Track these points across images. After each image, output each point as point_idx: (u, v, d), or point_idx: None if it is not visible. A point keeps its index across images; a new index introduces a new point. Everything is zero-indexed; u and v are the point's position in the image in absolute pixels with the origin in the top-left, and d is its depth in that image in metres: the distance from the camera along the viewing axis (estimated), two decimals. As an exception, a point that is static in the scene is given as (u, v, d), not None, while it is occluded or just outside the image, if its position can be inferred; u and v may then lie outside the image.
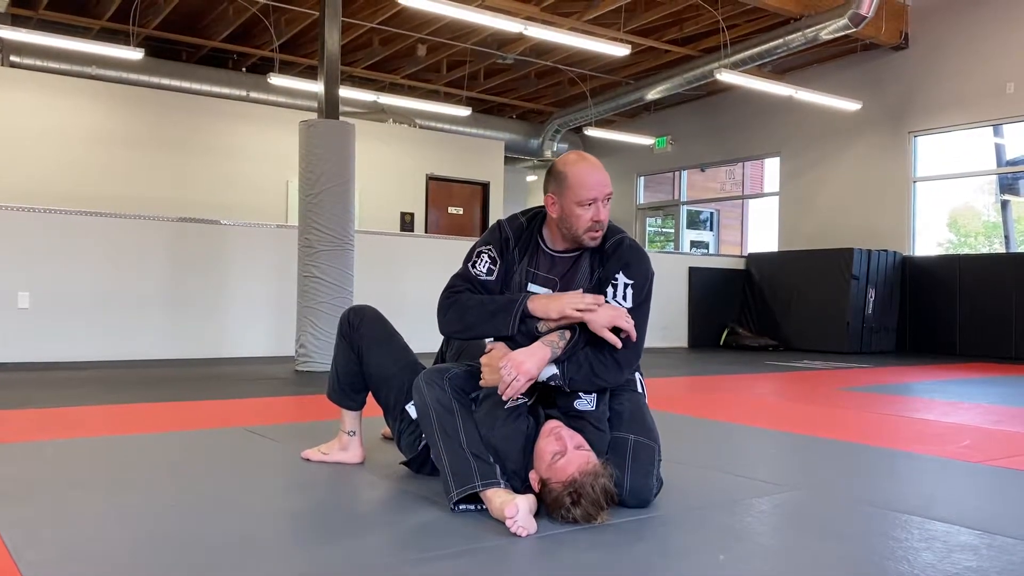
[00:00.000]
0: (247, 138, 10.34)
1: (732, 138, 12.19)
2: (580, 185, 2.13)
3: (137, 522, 1.96)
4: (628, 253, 2.21)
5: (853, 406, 4.49)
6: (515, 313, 2.11)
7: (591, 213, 2.14)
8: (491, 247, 2.25)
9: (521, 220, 2.30)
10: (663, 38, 10.29)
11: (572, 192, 2.14)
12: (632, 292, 2.17)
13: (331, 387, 2.57)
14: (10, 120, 9.01)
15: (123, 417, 3.66)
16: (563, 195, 2.16)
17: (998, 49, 9.09)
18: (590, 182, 2.13)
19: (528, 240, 2.27)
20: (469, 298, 2.19)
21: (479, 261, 2.24)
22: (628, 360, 2.14)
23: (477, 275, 2.23)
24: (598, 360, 2.09)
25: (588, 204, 2.13)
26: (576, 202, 2.14)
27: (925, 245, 10.04)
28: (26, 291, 6.26)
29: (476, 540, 1.83)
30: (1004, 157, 9.66)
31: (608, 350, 2.09)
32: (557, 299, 2.10)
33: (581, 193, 2.13)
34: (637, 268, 2.19)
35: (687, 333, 9.97)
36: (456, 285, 2.23)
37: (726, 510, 2.16)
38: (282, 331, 7.00)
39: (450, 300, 2.21)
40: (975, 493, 2.52)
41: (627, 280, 2.17)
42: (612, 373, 2.11)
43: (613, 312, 2.08)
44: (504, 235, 2.27)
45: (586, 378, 2.09)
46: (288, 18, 9.67)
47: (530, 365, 2.02)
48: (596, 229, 2.16)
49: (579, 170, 2.16)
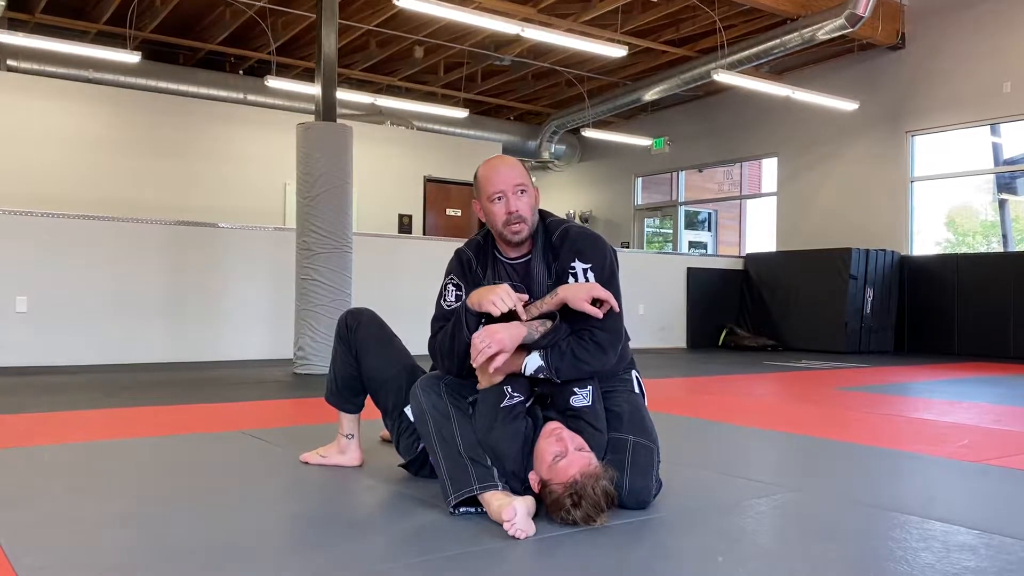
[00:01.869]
0: (244, 141, 10.34)
1: (730, 139, 12.20)
2: (486, 181, 2.18)
3: (135, 526, 1.95)
4: (578, 240, 2.21)
5: (851, 406, 4.49)
6: (463, 320, 2.11)
7: (503, 206, 2.15)
8: (453, 276, 2.27)
9: (477, 238, 2.32)
10: (660, 39, 10.31)
11: (482, 191, 2.19)
12: (594, 275, 2.17)
13: (329, 390, 2.56)
14: (7, 124, 9.01)
15: (121, 421, 3.65)
16: (480, 197, 2.22)
17: (995, 48, 9.11)
18: (494, 177, 2.17)
19: (486, 254, 2.28)
20: (441, 338, 2.19)
21: (447, 294, 2.26)
22: (610, 341, 2.13)
23: (449, 307, 2.23)
24: (579, 346, 2.10)
25: (497, 198, 2.15)
26: (487, 198, 2.17)
27: (923, 245, 10.06)
28: (24, 295, 6.26)
29: (475, 543, 1.83)
30: (1001, 156, 9.67)
31: (587, 335, 2.10)
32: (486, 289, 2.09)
33: (488, 188, 2.17)
34: (592, 252, 2.19)
35: (685, 334, 9.97)
36: (434, 329, 2.24)
37: (725, 511, 2.16)
38: (280, 334, 6.99)
39: (431, 347, 2.24)
40: (974, 493, 2.52)
41: (584, 265, 2.17)
42: (596, 356, 2.11)
43: (586, 285, 2.10)
44: (464, 258, 2.28)
45: (571, 365, 2.09)
46: (285, 21, 9.68)
47: (503, 335, 2.01)
48: (514, 222, 2.16)
49: (485, 169, 2.22)
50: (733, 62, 9.77)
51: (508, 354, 2.03)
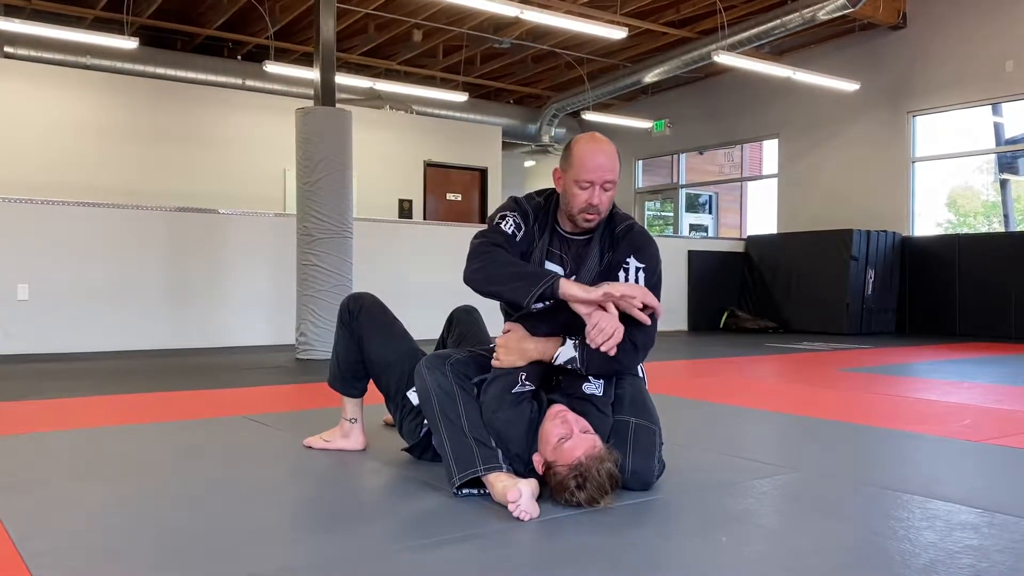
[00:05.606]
0: (243, 126, 10.30)
1: (730, 120, 12.15)
2: (580, 165, 2.13)
3: (140, 511, 1.96)
4: (639, 238, 2.22)
5: (853, 387, 4.50)
6: (540, 287, 2.02)
7: (586, 195, 2.13)
8: (516, 214, 2.22)
9: (538, 199, 2.28)
10: (660, 20, 10.24)
11: (573, 170, 2.14)
12: (644, 276, 2.17)
13: (332, 375, 2.57)
14: (5, 112, 8.98)
15: (123, 407, 3.66)
16: (567, 171, 2.17)
17: (996, 27, 9.05)
18: (590, 164, 2.12)
19: (545, 218, 2.25)
20: (501, 255, 2.12)
21: (504, 223, 2.19)
22: (645, 344, 2.15)
23: (510, 233, 2.17)
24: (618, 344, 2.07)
25: (585, 186, 2.13)
26: (575, 180, 2.13)
27: (924, 225, 10.04)
28: (25, 283, 6.26)
29: (479, 525, 1.83)
30: (1003, 136, 9.63)
31: (626, 333, 2.06)
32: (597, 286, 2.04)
33: (581, 173, 2.12)
34: (648, 253, 2.20)
35: (687, 316, 9.98)
36: (493, 238, 2.16)
37: (727, 492, 2.17)
38: (282, 320, 7.00)
39: (483, 250, 2.13)
40: (976, 472, 2.53)
41: (639, 264, 2.18)
42: (629, 356, 2.12)
43: (640, 288, 2.08)
44: (524, 209, 2.24)
45: (603, 361, 2.09)
46: (283, 5, 9.62)
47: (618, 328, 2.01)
48: (590, 212, 2.15)
49: (584, 150, 2.15)
50: (734, 43, 9.71)
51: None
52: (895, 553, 1.66)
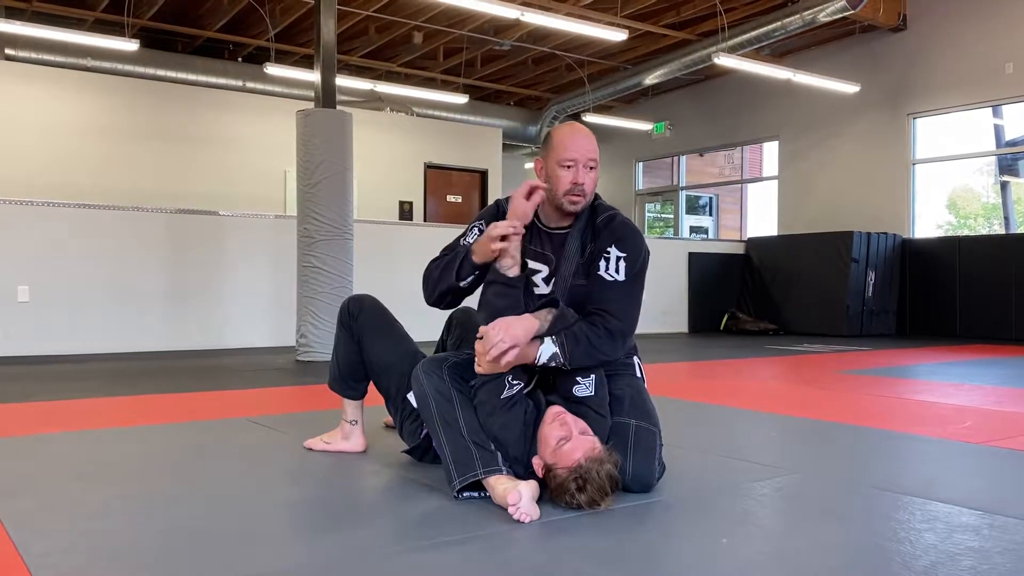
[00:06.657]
0: (244, 128, 10.30)
1: (731, 122, 12.15)
2: (562, 146, 2.18)
3: (141, 513, 1.96)
4: (620, 228, 2.22)
5: (853, 389, 4.50)
6: (458, 262, 2.19)
7: (571, 175, 2.16)
8: (484, 220, 2.30)
9: None
10: (660, 22, 10.24)
11: (554, 152, 2.18)
12: (625, 265, 2.17)
13: (332, 376, 2.57)
14: (5, 113, 8.98)
15: (124, 409, 3.66)
16: (547, 157, 2.21)
17: (996, 29, 9.05)
18: (571, 144, 2.17)
19: None
20: (436, 264, 2.29)
21: (470, 233, 2.29)
22: (621, 329, 2.14)
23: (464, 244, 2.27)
24: (593, 332, 2.09)
25: (568, 165, 2.16)
26: (557, 162, 2.17)
27: (924, 227, 10.04)
28: (25, 284, 6.26)
29: (479, 527, 1.83)
30: (1003, 138, 9.63)
31: (600, 320, 2.10)
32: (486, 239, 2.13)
33: (562, 153, 2.16)
34: (630, 242, 2.20)
35: (687, 318, 9.97)
36: (439, 255, 2.33)
37: (728, 494, 2.17)
38: (282, 321, 7.00)
39: (426, 269, 2.33)
40: (976, 474, 2.53)
41: (620, 253, 2.18)
42: (608, 344, 2.11)
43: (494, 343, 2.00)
44: (500, 211, 2.28)
45: (585, 351, 2.08)
46: (283, 7, 9.62)
47: (517, 330, 2.00)
48: (576, 193, 2.17)
49: (563, 133, 2.22)
50: (734, 45, 9.71)
51: (520, 348, 2.02)
52: (895, 555, 1.66)
